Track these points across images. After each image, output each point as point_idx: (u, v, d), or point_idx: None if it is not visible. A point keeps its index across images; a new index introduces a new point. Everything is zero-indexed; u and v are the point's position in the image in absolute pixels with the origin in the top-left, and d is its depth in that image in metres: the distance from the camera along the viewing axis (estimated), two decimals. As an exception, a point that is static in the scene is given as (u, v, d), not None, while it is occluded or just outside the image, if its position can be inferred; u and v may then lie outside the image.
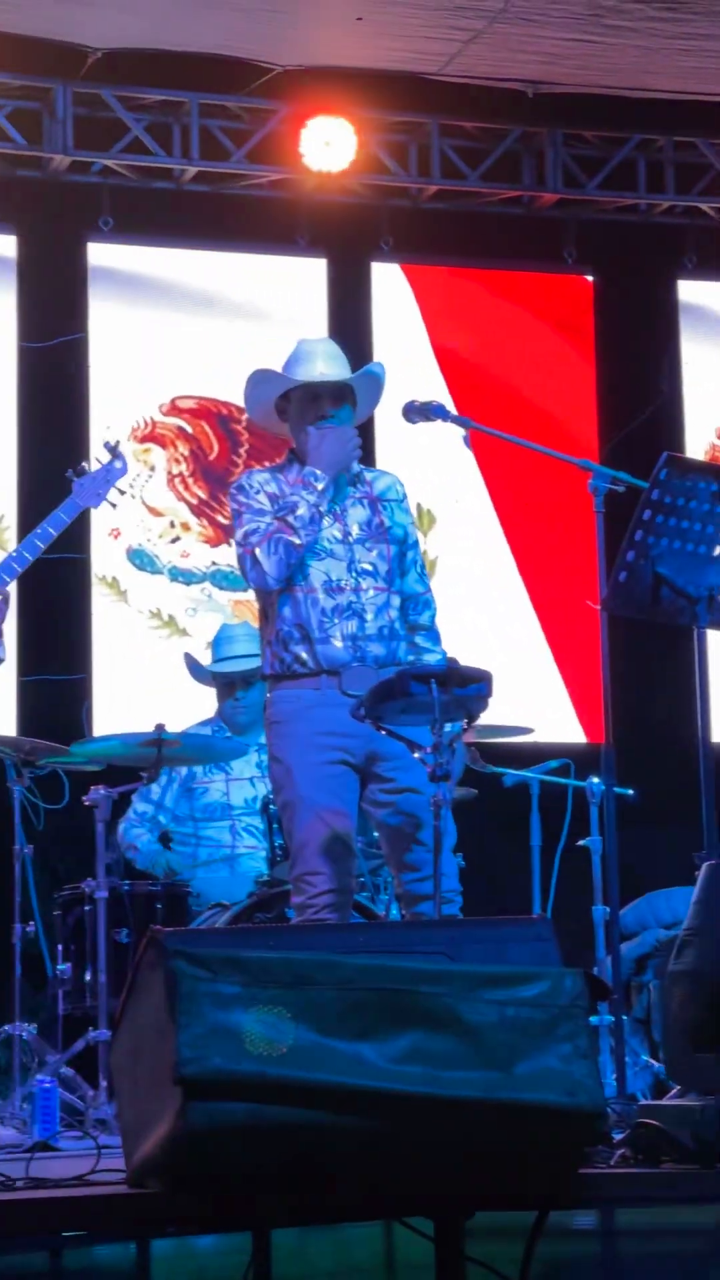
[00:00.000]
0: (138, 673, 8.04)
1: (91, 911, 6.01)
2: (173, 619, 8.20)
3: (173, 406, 8.34)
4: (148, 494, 8.25)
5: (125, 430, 8.21)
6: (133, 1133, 3.61)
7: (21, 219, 8.20)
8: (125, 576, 8.20)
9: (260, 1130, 3.36)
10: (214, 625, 7.80)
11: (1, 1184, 3.66)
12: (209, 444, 8.35)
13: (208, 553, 8.32)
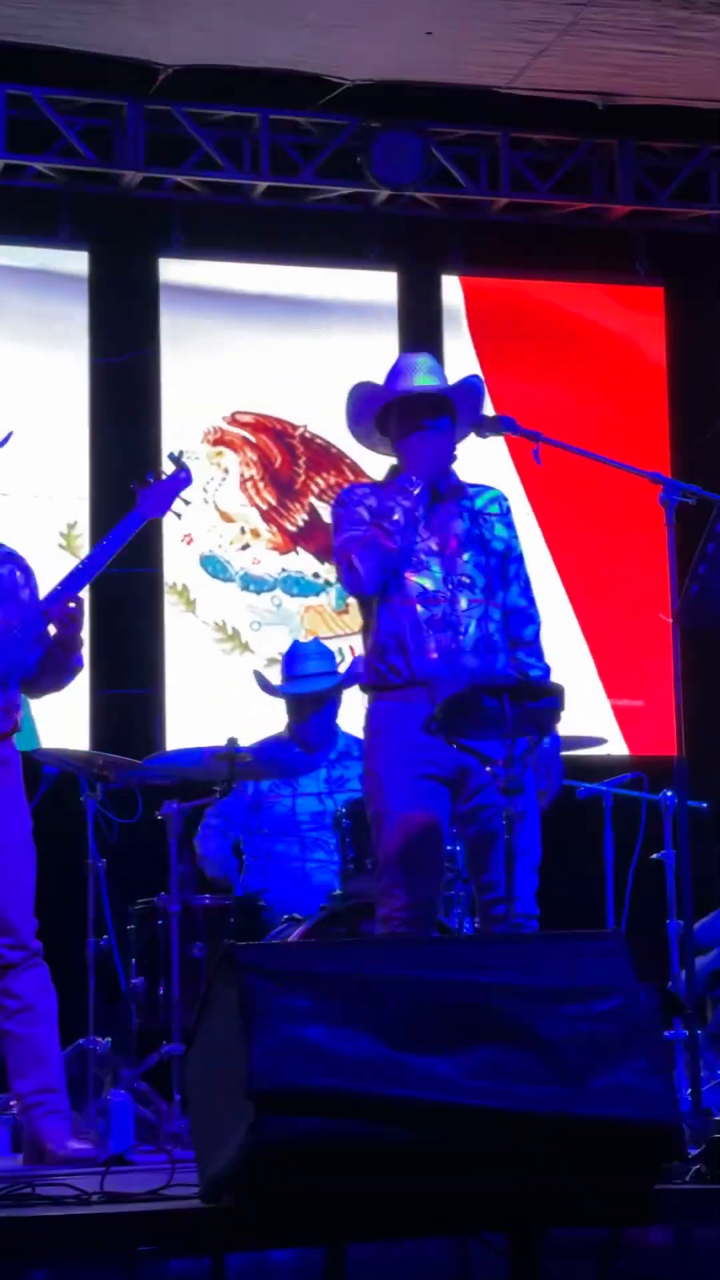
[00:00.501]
0: (209, 686, 8.06)
1: (164, 925, 6.03)
2: (237, 633, 8.22)
3: (233, 419, 8.37)
4: (220, 498, 8.28)
5: (198, 434, 8.24)
6: (206, 1147, 3.61)
7: (94, 235, 8.25)
8: (196, 585, 8.23)
9: (333, 1144, 3.35)
10: (278, 641, 7.82)
11: (77, 1198, 3.67)
12: (272, 454, 8.38)
13: (278, 560, 8.33)
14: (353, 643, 8.17)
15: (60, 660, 5.05)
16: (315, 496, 8.40)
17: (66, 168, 8.11)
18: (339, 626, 8.32)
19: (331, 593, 8.33)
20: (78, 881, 6.12)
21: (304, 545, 8.38)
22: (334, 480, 8.40)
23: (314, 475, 8.40)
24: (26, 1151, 4.97)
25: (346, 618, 8.27)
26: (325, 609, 8.33)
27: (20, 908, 4.96)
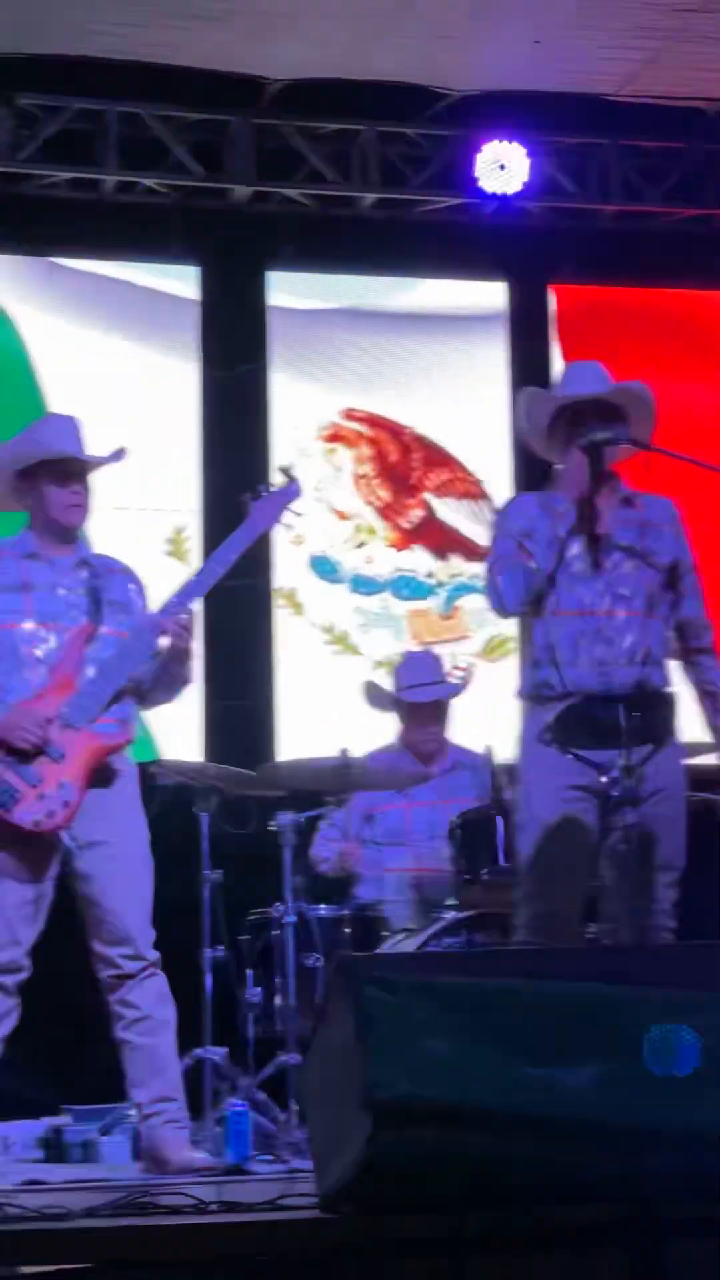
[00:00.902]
0: (320, 696, 8.08)
1: (279, 936, 6.04)
2: (345, 635, 8.23)
3: (349, 414, 8.39)
4: (334, 496, 8.30)
5: (311, 431, 8.26)
6: (323, 1157, 3.62)
7: (204, 250, 8.31)
8: (304, 588, 8.25)
9: (450, 1156, 3.34)
10: (385, 644, 7.81)
11: (195, 1207, 3.68)
12: (387, 449, 8.38)
13: (392, 558, 8.34)
14: (455, 649, 8.17)
15: (173, 673, 5.09)
16: (430, 492, 8.41)
17: (176, 183, 8.17)
18: (443, 632, 8.32)
19: (441, 594, 8.32)
20: (193, 893, 6.14)
21: (420, 542, 8.38)
22: (447, 477, 8.40)
23: (428, 472, 8.41)
24: (145, 1160, 5.00)
25: (451, 623, 8.27)
26: (430, 613, 8.33)
27: (138, 919, 4.99)
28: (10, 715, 4.89)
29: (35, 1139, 5.88)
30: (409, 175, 8.34)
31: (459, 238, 8.50)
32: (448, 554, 8.39)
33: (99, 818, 4.96)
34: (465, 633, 8.31)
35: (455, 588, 8.34)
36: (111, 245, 8.22)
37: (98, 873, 4.96)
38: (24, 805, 4.87)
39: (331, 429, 8.35)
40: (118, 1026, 4.99)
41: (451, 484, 8.41)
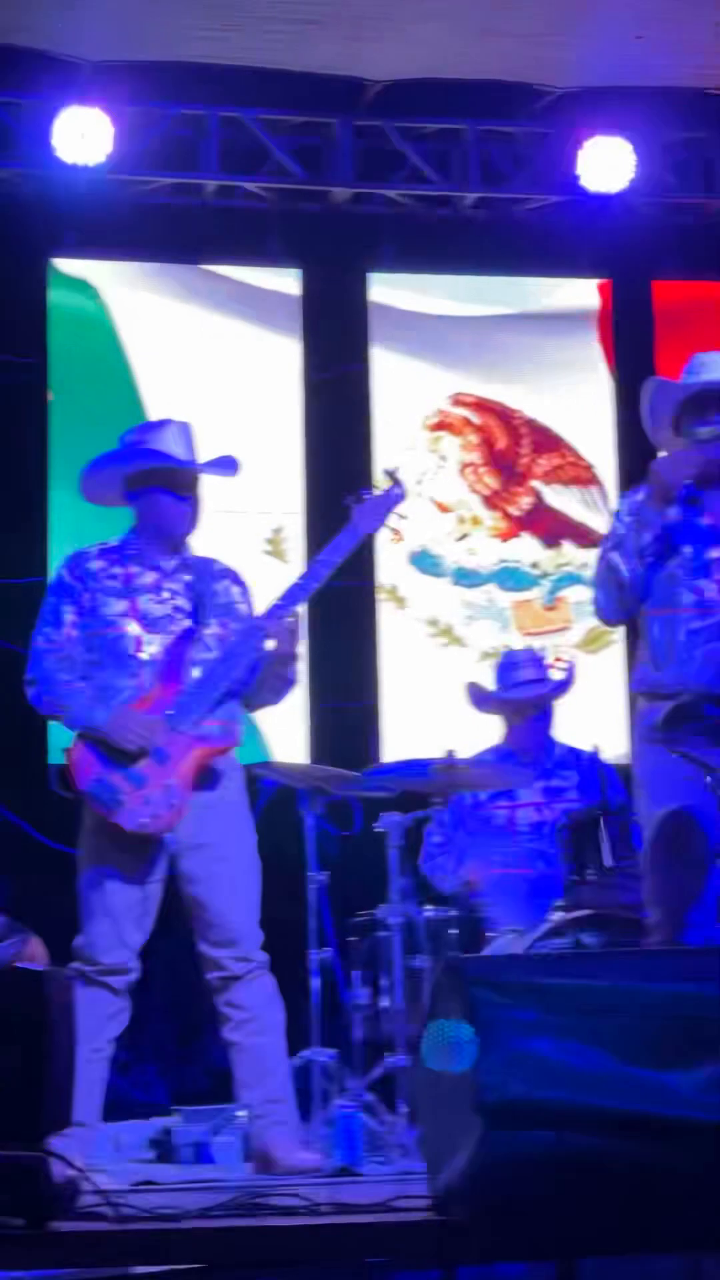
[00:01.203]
0: (426, 695, 8.07)
1: (386, 938, 6.03)
2: (450, 628, 8.21)
3: (456, 400, 8.36)
4: (436, 489, 8.28)
5: (416, 421, 8.22)
6: (434, 1159, 3.61)
7: (304, 253, 8.33)
8: (405, 583, 8.24)
9: (562, 1158, 3.32)
10: (490, 635, 7.75)
11: (307, 1209, 3.68)
12: (495, 435, 8.35)
13: (497, 549, 8.31)
14: (558, 640, 8.14)
15: (278, 675, 5.09)
16: (538, 479, 8.37)
17: (277, 187, 8.18)
18: (546, 623, 8.30)
19: (546, 585, 8.29)
20: (298, 895, 6.15)
21: (530, 530, 8.35)
22: (557, 463, 8.36)
23: (537, 458, 8.37)
24: (255, 1161, 5.01)
25: (554, 614, 8.24)
26: (535, 604, 8.30)
27: (245, 920, 5.00)
28: (117, 717, 4.92)
29: (145, 1139, 5.90)
30: (510, 173, 8.31)
31: (561, 235, 8.46)
32: (560, 540, 8.35)
33: (205, 820, 4.98)
34: (567, 624, 8.28)
35: (560, 578, 8.31)
36: (213, 249, 8.26)
37: (204, 875, 4.98)
38: (129, 807, 4.90)
39: (438, 416, 8.33)
40: (226, 1028, 5.00)
41: (561, 470, 8.37)
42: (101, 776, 4.92)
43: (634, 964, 3.66)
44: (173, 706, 4.96)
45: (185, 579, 5.12)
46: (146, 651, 5.02)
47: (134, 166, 7.90)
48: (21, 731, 7.24)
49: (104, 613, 5.05)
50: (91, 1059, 4.92)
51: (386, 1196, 3.72)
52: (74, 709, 4.98)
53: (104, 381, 8.11)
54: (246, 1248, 3.46)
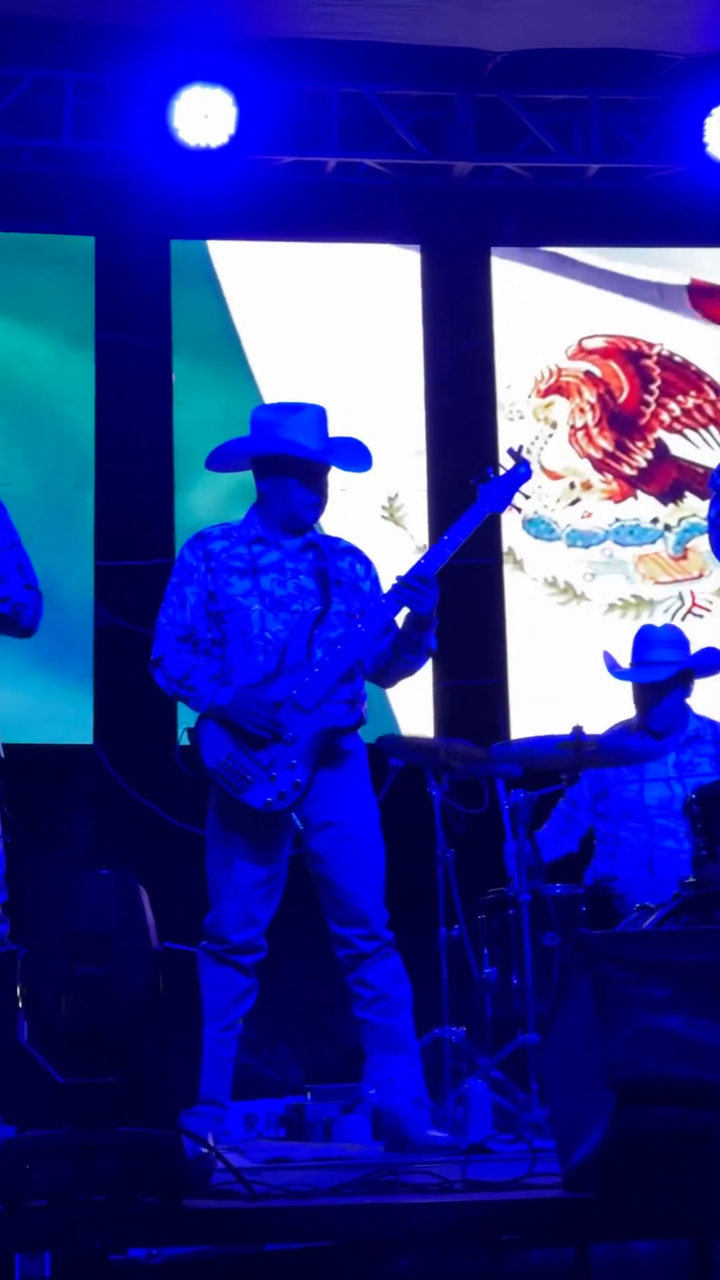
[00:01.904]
0: (554, 670, 8.03)
1: (515, 915, 6.01)
2: (570, 585, 8.17)
3: (579, 350, 8.31)
4: (546, 457, 8.22)
5: (528, 386, 8.20)
6: (566, 1136, 3.58)
7: (426, 229, 8.30)
8: (521, 547, 8.20)
9: (696, 1135, 3.29)
10: (616, 586, 7.73)
11: (439, 1186, 3.67)
12: (619, 385, 8.28)
13: (611, 509, 8.26)
14: (692, 588, 8.07)
15: (414, 639, 5.06)
16: (665, 429, 8.29)
17: (398, 162, 8.15)
18: (676, 572, 8.23)
19: (670, 538, 8.22)
20: (427, 872, 6.14)
21: (644, 488, 8.28)
22: (692, 403, 8.28)
23: (667, 401, 8.29)
24: (387, 1139, 5.01)
25: (685, 563, 8.17)
26: (662, 555, 8.23)
27: (372, 898, 5.00)
28: (239, 699, 4.93)
29: (278, 1117, 5.93)
30: (633, 143, 8.22)
31: (686, 205, 8.35)
32: (681, 493, 8.27)
33: (330, 798, 4.99)
34: (701, 570, 8.20)
35: (686, 529, 8.24)
36: (333, 227, 8.24)
37: (330, 853, 4.98)
38: (256, 787, 4.91)
39: (553, 375, 8.27)
40: (355, 1006, 5.01)
41: (696, 411, 8.27)
42: (228, 757, 4.94)
43: (766, 940, 3.62)
44: (298, 686, 4.96)
45: (309, 558, 5.12)
46: (271, 631, 5.02)
47: (255, 145, 7.89)
48: (150, 712, 7.29)
49: (228, 593, 5.06)
50: (221, 1038, 4.96)
51: (519, 1174, 3.71)
52: (199, 690, 5.00)
53: (226, 362, 8.13)
54: (379, 1226, 3.45)
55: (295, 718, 4.94)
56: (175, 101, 7.72)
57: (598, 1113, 3.36)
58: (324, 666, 4.99)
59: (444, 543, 5.09)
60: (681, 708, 6.61)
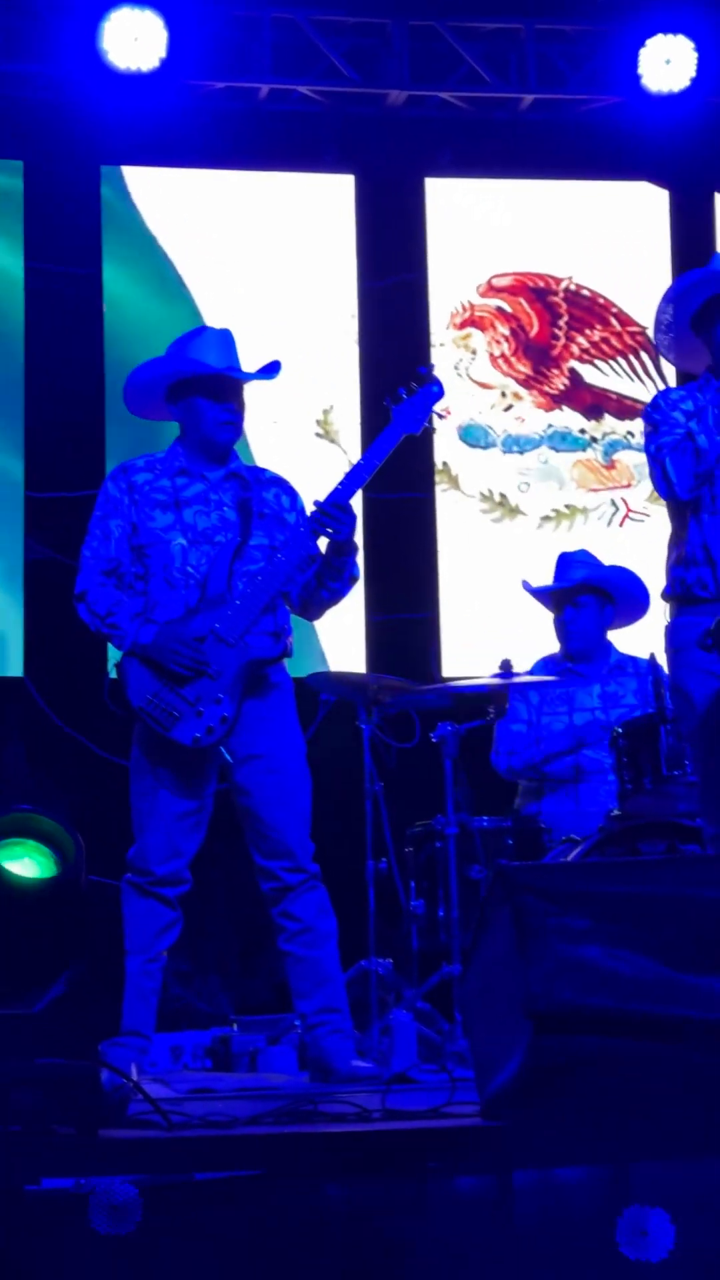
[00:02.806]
0: (485, 603, 8.03)
1: (443, 848, 6.03)
2: (505, 499, 8.21)
3: (489, 287, 8.32)
4: (474, 371, 8.25)
5: (444, 320, 8.23)
6: (485, 1066, 3.60)
7: (359, 159, 8.23)
8: (456, 460, 8.23)
9: (612, 1064, 3.31)
10: (549, 497, 7.90)
11: (359, 1115, 3.69)
12: (529, 321, 8.31)
13: (543, 417, 8.30)
14: (624, 495, 8.20)
15: (335, 566, 5.03)
16: (575, 359, 8.33)
17: (331, 90, 8.07)
18: (608, 480, 8.31)
19: (598, 448, 8.29)
20: (356, 806, 6.15)
21: (569, 404, 8.34)
22: (599, 336, 8.31)
23: (576, 335, 8.31)
24: (311, 1070, 5.03)
25: (614, 472, 8.24)
26: (594, 462, 8.29)
27: (297, 831, 4.99)
28: (161, 637, 4.90)
29: (204, 1049, 5.95)
30: (568, 74, 8.15)
31: (621, 138, 8.30)
32: (601, 413, 8.33)
33: (256, 731, 4.97)
34: (630, 481, 8.30)
35: (611, 443, 8.32)
36: (265, 155, 8.16)
37: (256, 786, 4.97)
38: (183, 723, 4.89)
39: (466, 310, 8.28)
40: (281, 938, 5.01)
41: (604, 343, 8.32)
42: (153, 694, 4.91)
43: (683, 871, 3.63)
44: (219, 620, 4.93)
45: (232, 490, 5.08)
46: (192, 565, 4.99)
47: (187, 71, 7.79)
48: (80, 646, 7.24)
49: (150, 526, 5.02)
50: (145, 970, 4.95)
51: (438, 1103, 3.73)
52: (122, 628, 4.96)
53: (159, 292, 8.06)
54: (298, 1154, 3.46)
55: (219, 651, 4.92)
56: (104, 23, 7.61)
57: (516, 1042, 3.38)
58: (245, 599, 4.96)
59: (359, 467, 5.05)
60: (599, 630, 6.59)
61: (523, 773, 6.54)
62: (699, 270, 4.92)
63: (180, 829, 4.96)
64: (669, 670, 4.86)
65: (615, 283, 8.43)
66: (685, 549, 4.76)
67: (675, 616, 4.82)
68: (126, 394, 5.19)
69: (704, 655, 4.64)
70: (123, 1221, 3.24)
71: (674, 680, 4.82)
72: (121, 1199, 3.23)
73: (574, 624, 6.55)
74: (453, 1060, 5.25)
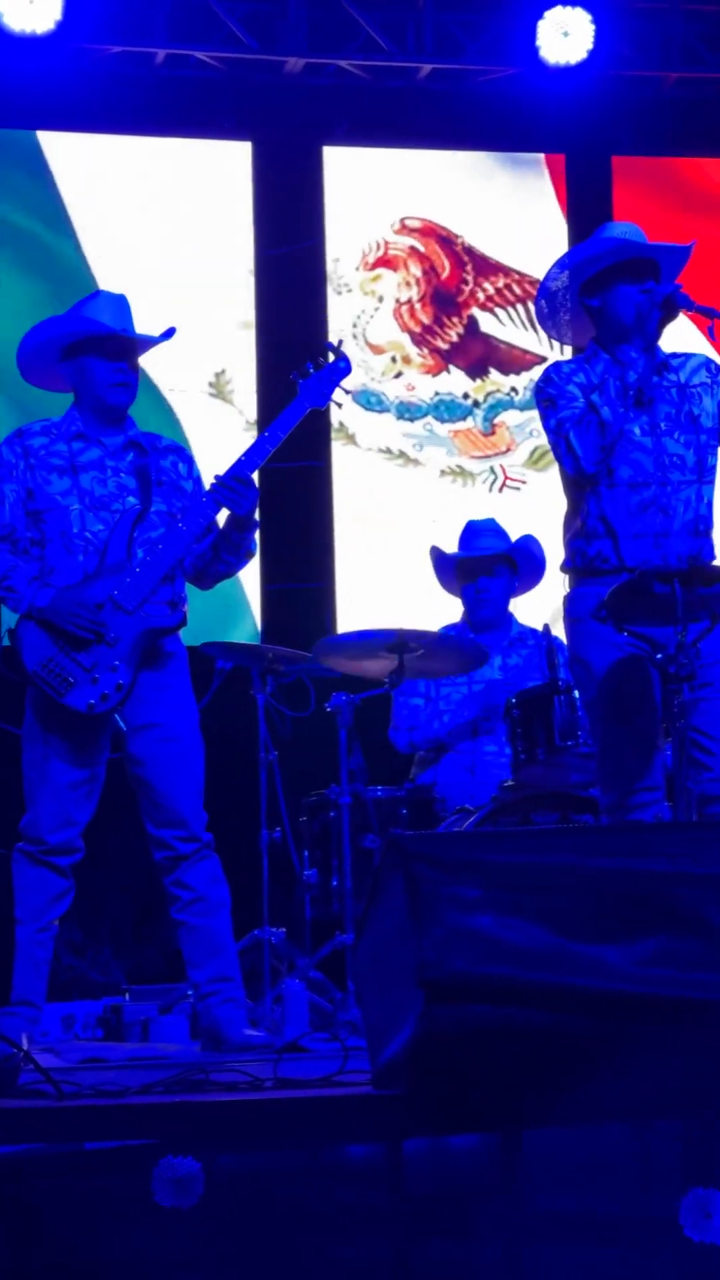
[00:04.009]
0: (381, 579, 8.05)
1: (336, 817, 6.04)
2: (404, 453, 8.28)
3: (403, 226, 8.37)
4: (370, 331, 8.30)
5: (355, 258, 8.30)
6: (377, 1035, 3.61)
7: (256, 126, 8.19)
8: (351, 421, 8.30)
9: (503, 1032, 3.33)
10: (440, 458, 7.99)
11: (250, 1084, 3.69)
12: (440, 263, 8.36)
13: (430, 383, 8.39)
14: (503, 462, 8.38)
15: (233, 541, 5.02)
16: (479, 306, 8.41)
17: (228, 56, 8.02)
18: (487, 448, 8.45)
19: (479, 414, 8.40)
20: (250, 775, 6.15)
21: (455, 362, 8.42)
22: (502, 283, 8.44)
23: (481, 281, 8.39)
24: (203, 1039, 5.02)
25: (494, 438, 8.42)
26: (473, 431, 8.42)
27: (191, 800, 4.98)
28: (59, 601, 4.86)
29: (96, 1018, 5.93)
30: (466, 44, 8.15)
31: (518, 109, 8.31)
32: (486, 369, 8.42)
33: (151, 700, 4.95)
34: (509, 445, 8.45)
35: (492, 405, 8.45)
36: (161, 120, 8.10)
37: (150, 755, 4.95)
38: (78, 689, 4.86)
39: (380, 251, 8.32)
40: (174, 908, 5.00)
41: (506, 290, 8.40)
42: (49, 659, 4.88)
43: (575, 840, 3.66)
44: (118, 587, 4.90)
45: (130, 456, 5.05)
46: (90, 531, 4.95)
47: (83, 34, 7.71)
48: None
49: (47, 491, 4.98)
50: (37, 939, 4.93)
51: (330, 1072, 3.74)
52: (18, 590, 4.92)
53: (52, 257, 7.99)
54: (188, 1123, 3.46)
55: (117, 618, 4.89)
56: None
57: (407, 1011, 3.39)
58: (145, 566, 4.93)
59: (263, 439, 5.03)
60: (505, 600, 6.62)
61: (421, 746, 6.56)
62: (593, 240, 4.94)
63: (73, 798, 4.94)
64: (569, 640, 4.89)
65: (510, 250, 8.48)
66: (586, 521, 4.79)
67: (576, 587, 4.84)
68: (20, 359, 5.13)
69: (604, 627, 4.68)
70: (186, 1194, 3.25)
71: (574, 650, 4.85)
72: (184, 1172, 3.24)
73: (487, 593, 6.56)
74: (345, 1029, 5.26)
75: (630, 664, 4.69)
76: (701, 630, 4.55)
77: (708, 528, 4.83)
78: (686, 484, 4.79)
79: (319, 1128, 3.52)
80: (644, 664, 4.69)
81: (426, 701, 6.59)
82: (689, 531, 4.77)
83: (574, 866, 3.41)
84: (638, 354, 4.73)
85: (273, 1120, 3.50)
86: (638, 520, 4.74)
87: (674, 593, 4.48)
